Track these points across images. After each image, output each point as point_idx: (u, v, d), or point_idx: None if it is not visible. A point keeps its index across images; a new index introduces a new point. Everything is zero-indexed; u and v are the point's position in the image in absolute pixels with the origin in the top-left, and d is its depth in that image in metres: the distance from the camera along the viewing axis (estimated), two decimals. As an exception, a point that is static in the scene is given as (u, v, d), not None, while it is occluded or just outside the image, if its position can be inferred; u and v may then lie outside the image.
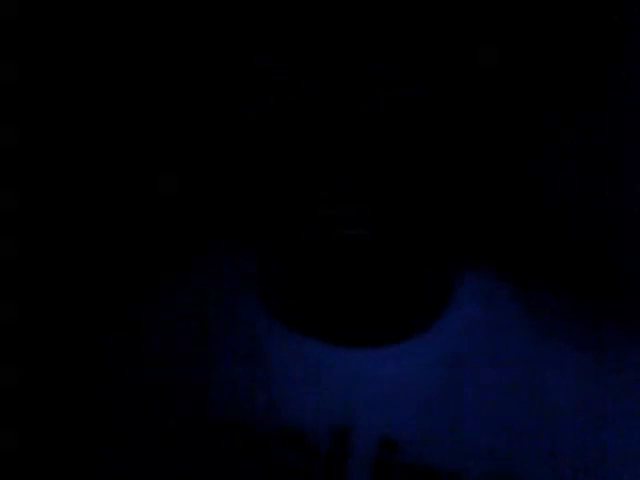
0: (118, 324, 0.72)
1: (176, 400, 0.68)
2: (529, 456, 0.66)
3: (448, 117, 0.61)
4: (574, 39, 0.83)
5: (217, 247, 0.75)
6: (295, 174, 0.61)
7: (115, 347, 0.71)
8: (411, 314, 0.69)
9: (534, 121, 0.85)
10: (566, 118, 0.86)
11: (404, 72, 0.59)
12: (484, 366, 0.68)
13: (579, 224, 0.87)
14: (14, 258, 0.79)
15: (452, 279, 0.70)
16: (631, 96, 0.85)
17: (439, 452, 0.66)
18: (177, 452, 0.67)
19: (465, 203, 0.70)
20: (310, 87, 0.59)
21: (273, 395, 0.67)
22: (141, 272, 0.74)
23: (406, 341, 0.68)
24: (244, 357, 0.69)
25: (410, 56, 0.59)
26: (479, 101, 0.63)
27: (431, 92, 0.60)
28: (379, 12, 0.58)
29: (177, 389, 0.69)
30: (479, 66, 0.61)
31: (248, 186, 0.66)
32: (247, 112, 0.62)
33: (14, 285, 0.78)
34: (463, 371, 0.68)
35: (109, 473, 0.68)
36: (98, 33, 0.88)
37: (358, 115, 0.58)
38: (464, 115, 0.62)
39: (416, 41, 0.59)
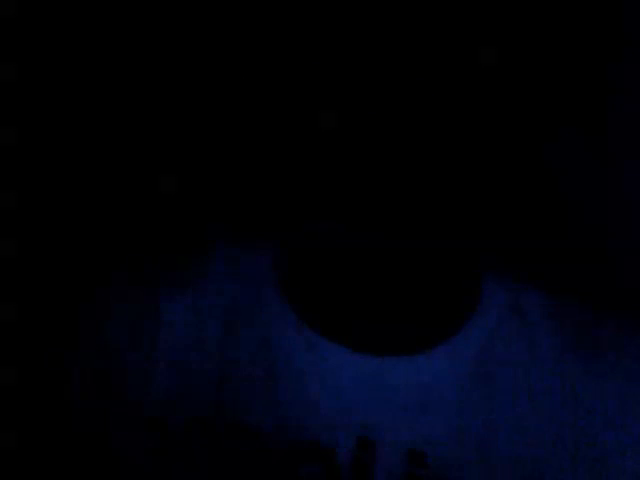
0: (119, 324, 0.72)
1: (189, 401, 0.68)
2: (559, 466, 0.65)
3: (448, 119, 0.61)
4: (574, 39, 0.83)
5: (219, 248, 0.75)
6: (307, 174, 0.61)
7: (117, 348, 0.71)
8: (437, 322, 0.68)
9: (534, 121, 0.85)
10: (566, 118, 0.86)
11: (404, 73, 0.59)
12: (510, 375, 0.67)
13: (578, 229, 0.87)
14: (14, 258, 0.79)
15: (477, 287, 0.70)
16: (631, 96, 0.85)
17: (466, 463, 0.65)
18: (189, 455, 0.66)
19: (488, 210, 0.70)
20: (310, 88, 0.59)
21: (295, 402, 0.67)
22: (141, 272, 0.74)
23: (432, 350, 0.68)
24: (265, 361, 0.68)
25: (411, 55, 0.59)
26: (479, 101, 0.63)
27: (431, 93, 0.59)
28: (380, 12, 0.58)
29: (192, 389, 0.68)
30: (479, 66, 0.61)
31: (253, 186, 0.66)
32: (248, 112, 0.62)
33: (14, 285, 0.78)
34: (489, 380, 0.67)
35: (110, 474, 0.68)
36: (98, 33, 0.88)
37: (364, 116, 0.58)
38: (465, 117, 0.62)
39: (417, 41, 0.59)
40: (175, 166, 0.89)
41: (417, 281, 0.67)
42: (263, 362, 0.68)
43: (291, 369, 0.67)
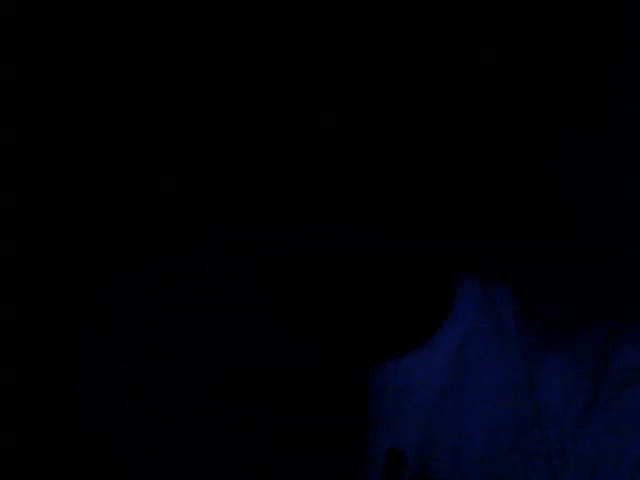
0: (118, 324, 0.72)
1: (174, 407, 0.68)
2: (532, 463, 0.66)
3: (447, 119, 0.61)
4: (574, 39, 0.83)
5: (217, 248, 0.75)
6: (299, 179, 0.61)
7: (116, 348, 0.71)
8: (411, 327, 0.68)
9: (534, 121, 0.85)
10: (566, 118, 0.86)
11: (403, 72, 0.59)
12: (484, 381, 0.68)
13: (578, 229, 0.87)
14: (14, 258, 0.79)
15: (452, 290, 0.70)
16: (631, 96, 0.85)
17: (443, 462, 0.65)
18: (170, 461, 0.66)
19: (486, 211, 0.69)
20: (310, 88, 0.59)
21: None
22: (141, 272, 0.74)
23: (407, 355, 0.67)
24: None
25: (411, 55, 0.59)
26: (479, 101, 0.63)
27: (430, 92, 0.60)
28: (380, 11, 0.58)
29: (174, 397, 0.68)
30: (479, 66, 0.61)
31: (251, 188, 0.66)
32: (248, 112, 0.62)
33: (14, 285, 0.78)
34: (464, 382, 0.67)
35: (110, 474, 0.68)
36: (98, 33, 0.88)
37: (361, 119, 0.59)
38: (464, 117, 0.62)
39: (417, 40, 0.59)
40: (175, 166, 0.89)
41: (392, 284, 0.66)
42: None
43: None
